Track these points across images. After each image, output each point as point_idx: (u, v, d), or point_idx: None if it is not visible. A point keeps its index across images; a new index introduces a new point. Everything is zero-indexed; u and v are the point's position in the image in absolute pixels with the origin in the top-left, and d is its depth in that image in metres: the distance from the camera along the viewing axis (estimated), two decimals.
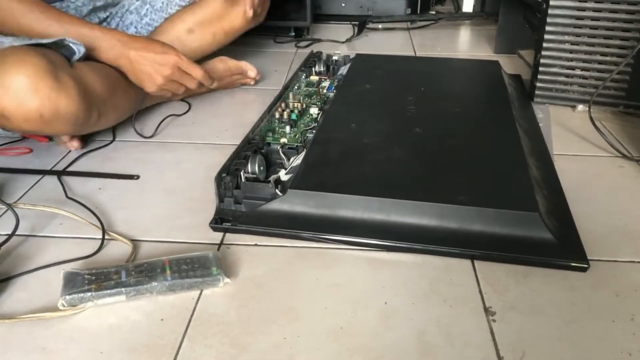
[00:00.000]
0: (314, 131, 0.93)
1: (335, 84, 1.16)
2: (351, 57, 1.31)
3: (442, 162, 0.84)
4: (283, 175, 0.83)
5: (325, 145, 0.88)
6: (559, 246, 0.70)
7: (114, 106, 1.00)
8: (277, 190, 0.78)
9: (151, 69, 0.98)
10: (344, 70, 1.24)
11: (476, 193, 0.76)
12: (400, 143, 0.89)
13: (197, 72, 1.04)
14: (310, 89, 1.14)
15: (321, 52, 1.34)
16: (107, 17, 1.17)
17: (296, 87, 1.15)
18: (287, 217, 0.76)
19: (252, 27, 1.24)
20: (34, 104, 0.80)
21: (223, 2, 1.17)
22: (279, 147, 0.91)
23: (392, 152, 0.87)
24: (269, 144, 0.92)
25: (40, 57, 0.81)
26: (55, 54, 0.86)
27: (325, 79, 1.20)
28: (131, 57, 0.96)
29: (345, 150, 0.87)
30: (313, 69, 1.26)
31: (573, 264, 0.69)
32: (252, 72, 1.27)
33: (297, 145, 0.91)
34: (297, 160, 0.85)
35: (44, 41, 0.87)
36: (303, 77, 1.21)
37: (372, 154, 0.86)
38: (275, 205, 0.76)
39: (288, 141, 0.92)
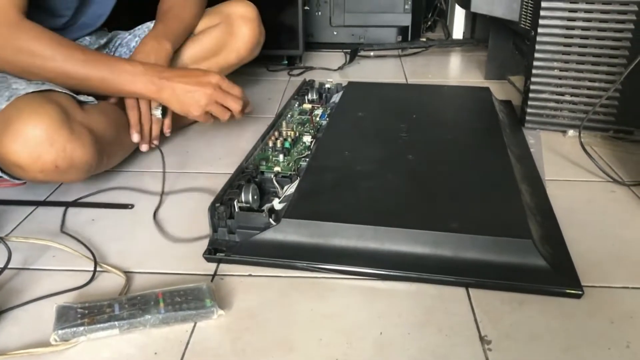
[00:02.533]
0: (307, 159, 0.94)
1: (328, 112, 1.17)
2: (343, 85, 1.32)
3: (435, 189, 0.85)
4: (277, 204, 0.83)
5: (319, 173, 0.89)
6: (553, 273, 0.70)
7: (122, 147, 1.01)
8: (270, 219, 0.78)
9: (194, 92, 0.97)
10: (336, 98, 1.25)
11: (469, 220, 0.76)
12: (393, 170, 0.90)
13: (237, 90, 1.01)
14: (303, 117, 1.14)
15: (314, 80, 1.36)
16: (106, 51, 1.18)
17: (289, 116, 1.16)
18: (281, 247, 0.76)
19: (246, 63, 1.26)
20: (50, 157, 0.81)
21: (217, 39, 1.18)
22: (272, 176, 0.91)
23: (385, 179, 0.87)
24: (262, 172, 0.92)
25: (55, 108, 0.82)
26: (66, 98, 0.87)
27: (318, 107, 1.21)
28: (175, 88, 0.96)
29: (338, 178, 0.87)
30: (306, 97, 1.27)
31: (567, 291, 0.69)
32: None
33: (290, 174, 0.91)
34: (290, 189, 0.85)
35: (58, 89, 0.88)
36: (296, 105, 1.22)
37: (365, 182, 0.86)
38: (269, 235, 0.76)
39: (281, 170, 0.92)
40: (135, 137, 1.01)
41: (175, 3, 1.13)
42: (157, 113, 1.02)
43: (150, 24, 1.18)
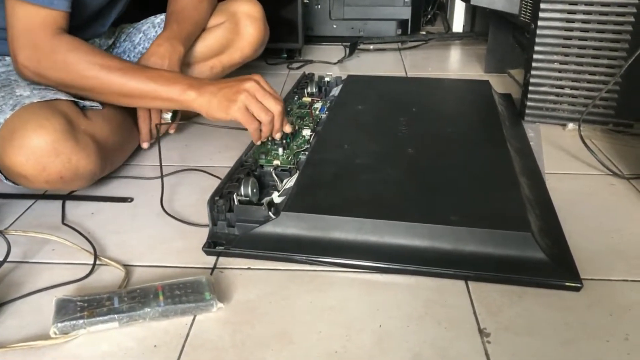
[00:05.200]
0: (306, 153, 0.94)
1: (328, 105, 1.17)
2: (343, 78, 1.32)
3: (435, 183, 0.85)
4: (276, 198, 0.83)
5: (318, 166, 0.88)
6: (552, 266, 0.70)
7: (124, 153, 1.03)
8: (270, 212, 0.78)
9: (232, 87, 0.88)
10: (336, 91, 1.25)
11: (469, 213, 0.76)
12: (392, 164, 0.90)
13: (276, 94, 0.91)
14: (302, 111, 1.14)
15: (313, 74, 1.35)
16: (113, 49, 1.17)
17: (289, 109, 1.16)
18: (281, 240, 0.76)
19: (249, 61, 1.25)
20: (56, 168, 0.81)
21: (223, 38, 1.18)
22: (271, 170, 0.91)
23: (385, 173, 0.87)
24: (261, 166, 0.92)
25: (60, 119, 0.82)
26: (71, 107, 0.88)
27: (318, 101, 1.20)
28: (213, 90, 0.89)
29: (338, 171, 0.87)
30: (305, 90, 1.27)
31: (566, 284, 0.69)
32: None
33: (289, 167, 0.91)
34: (290, 183, 0.85)
35: (62, 96, 0.88)
36: (295, 98, 1.22)
37: (364, 175, 0.86)
38: (268, 228, 0.76)
39: (281, 163, 0.92)
40: (145, 145, 1.06)
41: (188, 3, 1.11)
42: (167, 117, 1.04)
43: (154, 19, 1.18)
